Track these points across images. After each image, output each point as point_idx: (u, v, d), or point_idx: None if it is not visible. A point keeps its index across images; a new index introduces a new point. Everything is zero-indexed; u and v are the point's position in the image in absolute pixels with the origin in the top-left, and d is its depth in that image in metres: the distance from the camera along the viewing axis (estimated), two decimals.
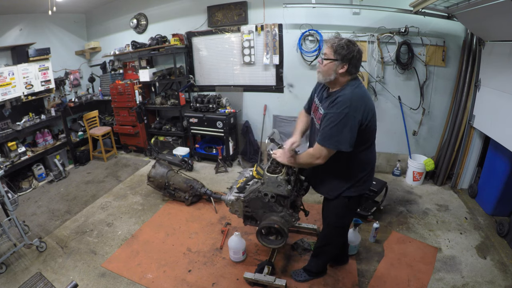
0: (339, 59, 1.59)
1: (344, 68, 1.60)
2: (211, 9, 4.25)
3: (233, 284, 2.32)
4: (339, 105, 1.57)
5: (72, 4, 4.48)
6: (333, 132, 1.58)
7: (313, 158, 1.70)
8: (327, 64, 1.63)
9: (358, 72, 1.68)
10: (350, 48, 1.58)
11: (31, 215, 3.41)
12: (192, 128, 4.47)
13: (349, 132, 1.57)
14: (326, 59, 1.63)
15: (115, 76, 5.21)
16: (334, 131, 1.57)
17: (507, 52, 2.58)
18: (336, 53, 1.59)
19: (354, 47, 1.59)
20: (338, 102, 1.58)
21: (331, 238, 2.12)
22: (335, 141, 1.59)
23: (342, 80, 1.65)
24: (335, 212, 1.97)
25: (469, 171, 3.42)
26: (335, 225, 2.04)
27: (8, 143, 3.90)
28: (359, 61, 1.63)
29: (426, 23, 3.35)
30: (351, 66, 1.60)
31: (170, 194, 3.49)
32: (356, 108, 1.56)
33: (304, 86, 4.09)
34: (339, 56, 1.58)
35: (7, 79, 3.85)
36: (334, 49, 1.59)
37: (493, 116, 2.86)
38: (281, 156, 1.96)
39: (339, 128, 1.56)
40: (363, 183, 1.84)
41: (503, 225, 2.64)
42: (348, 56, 1.58)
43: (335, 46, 1.59)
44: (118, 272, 2.49)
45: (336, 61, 1.60)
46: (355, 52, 1.58)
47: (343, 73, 1.62)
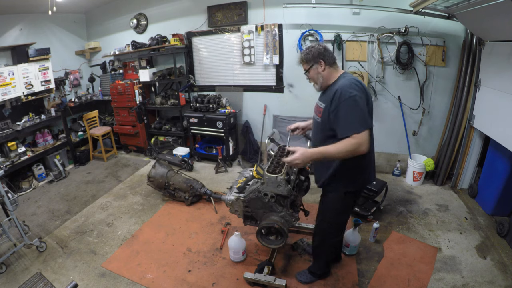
0: (312, 62, 1.78)
1: (322, 64, 1.76)
2: (211, 9, 4.25)
3: (233, 284, 2.32)
4: (344, 92, 1.61)
5: (72, 4, 4.48)
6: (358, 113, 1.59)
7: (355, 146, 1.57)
8: (310, 73, 1.82)
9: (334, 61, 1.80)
10: (312, 49, 1.78)
11: (31, 215, 3.41)
12: (192, 128, 4.47)
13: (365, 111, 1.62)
14: (307, 70, 1.83)
15: (115, 76, 5.21)
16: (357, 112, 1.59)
17: (507, 52, 2.58)
18: (308, 60, 1.79)
19: (315, 46, 1.79)
20: (342, 91, 1.62)
21: (328, 235, 2.08)
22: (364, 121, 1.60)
23: (331, 75, 1.78)
24: (332, 207, 1.95)
25: (469, 171, 3.42)
26: (332, 221, 2.01)
27: (8, 143, 3.91)
28: (327, 52, 1.77)
29: (426, 23, 3.35)
30: (325, 59, 1.75)
31: (170, 194, 3.49)
32: (358, 90, 1.62)
33: (304, 86, 4.09)
34: (311, 60, 1.78)
35: (7, 79, 3.85)
36: (304, 59, 1.81)
37: (493, 116, 2.86)
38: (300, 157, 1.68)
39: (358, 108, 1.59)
40: (360, 175, 1.84)
41: (503, 225, 2.64)
42: (316, 55, 1.76)
43: (303, 57, 1.82)
44: (118, 272, 2.49)
45: (313, 65, 1.78)
46: (317, 49, 1.77)
47: (326, 69, 1.76)
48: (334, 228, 2.05)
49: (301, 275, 2.31)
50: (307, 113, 4.10)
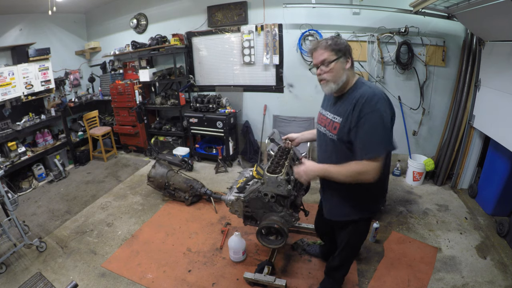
0: (340, 54, 1.45)
1: (349, 62, 1.48)
2: (211, 9, 4.25)
3: (233, 284, 2.32)
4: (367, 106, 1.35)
5: (72, 4, 4.48)
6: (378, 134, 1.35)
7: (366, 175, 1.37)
8: (333, 66, 1.45)
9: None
10: (343, 41, 1.48)
11: (31, 215, 3.41)
12: (192, 128, 4.47)
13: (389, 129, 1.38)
14: (330, 62, 1.45)
15: (115, 76, 5.21)
16: (379, 133, 1.34)
17: (507, 52, 2.58)
18: (336, 51, 1.45)
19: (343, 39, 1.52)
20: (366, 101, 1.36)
21: (348, 260, 1.95)
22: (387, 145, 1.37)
23: (351, 78, 1.50)
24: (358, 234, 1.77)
25: (469, 171, 3.42)
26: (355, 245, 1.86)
27: (8, 143, 3.91)
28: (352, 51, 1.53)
29: (426, 23, 3.35)
30: (352, 59, 1.50)
31: (170, 194, 3.49)
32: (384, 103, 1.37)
33: (304, 86, 4.10)
34: (341, 52, 1.45)
35: (7, 79, 3.85)
36: (332, 48, 1.45)
37: (493, 116, 2.85)
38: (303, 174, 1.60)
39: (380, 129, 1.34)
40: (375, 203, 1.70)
41: (503, 225, 2.64)
42: (347, 49, 1.47)
43: (331, 45, 1.45)
44: (118, 272, 2.49)
45: (340, 58, 1.45)
46: (347, 44, 1.49)
47: (349, 69, 1.49)
48: (355, 252, 1.98)
49: None
50: (307, 113, 4.12)
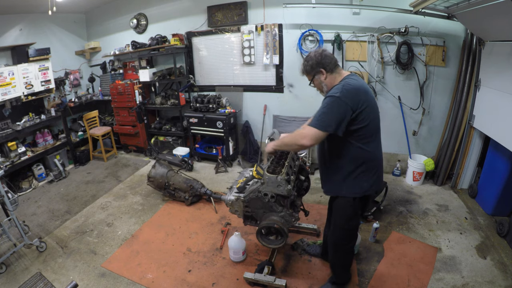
0: (313, 72, 1.77)
1: (323, 73, 1.73)
2: (211, 9, 4.25)
3: (233, 284, 2.32)
4: (331, 92, 1.66)
5: (72, 4, 4.48)
6: (324, 114, 1.63)
7: (300, 136, 1.70)
8: (314, 83, 1.83)
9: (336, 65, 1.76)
10: (310, 60, 1.75)
11: (31, 215, 3.41)
12: (192, 128, 4.47)
13: (338, 115, 1.60)
14: (310, 81, 1.83)
15: (115, 76, 5.21)
16: (324, 112, 1.63)
17: (507, 52, 2.58)
18: (308, 72, 1.79)
19: (312, 55, 1.76)
20: (331, 90, 1.68)
21: (340, 242, 2.01)
22: (324, 122, 1.62)
23: (334, 81, 1.74)
24: (342, 213, 1.90)
25: (469, 171, 3.42)
26: (343, 227, 1.95)
27: (8, 143, 3.91)
28: (326, 58, 1.72)
29: (426, 23, 3.35)
30: (325, 67, 1.72)
31: (170, 194, 3.49)
32: (347, 95, 1.59)
33: (304, 86, 4.07)
34: (311, 71, 1.77)
35: (7, 79, 3.85)
36: (306, 71, 1.80)
37: (493, 116, 2.85)
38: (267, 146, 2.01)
39: (329, 110, 1.61)
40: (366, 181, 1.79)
41: (503, 225, 2.64)
42: (314, 65, 1.74)
43: (303, 69, 1.82)
44: (118, 272, 2.49)
45: (315, 75, 1.77)
46: (315, 57, 1.73)
47: (327, 77, 1.74)
48: (345, 234, 1.98)
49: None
50: (307, 113, 4.11)
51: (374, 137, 1.76)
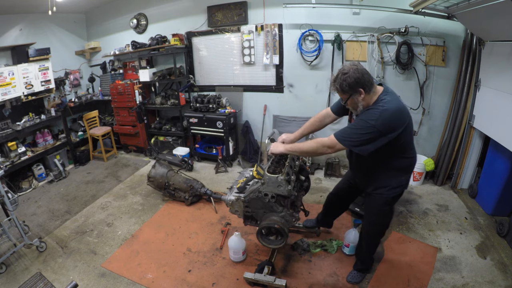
0: (351, 92, 1.65)
1: (362, 92, 1.63)
2: (211, 9, 4.25)
3: (233, 284, 2.32)
4: (368, 115, 1.62)
5: (72, 4, 4.48)
6: (353, 134, 1.65)
7: (324, 147, 1.75)
8: (348, 102, 1.72)
9: (373, 84, 1.68)
10: (347, 78, 1.61)
11: (31, 215, 3.41)
12: (192, 128, 4.47)
13: (366, 139, 1.62)
14: (346, 100, 1.72)
15: (115, 76, 5.21)
16: (355, 134, 1.64)
17: (507, 52, 2.58)
18: (345, 91, 1.66)
19: (350, 72, 1.61)
20: (369, 113, 1.63)
21: (377, 236, 2.14)
22: (350, 141, 1.66)
23: (370, 100, 1.68)
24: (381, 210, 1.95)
25: (469, 171, 3.42)
26: (381, 223, 2.05)
27: (8, 143, 3.91)
28: (365, 76, 1.63)
29: (426, 23, 3.35)
30: (364, 86, 1.63)
31: (170, 194, 3.49)
32: (384, 123, 1.59)
33: (304, 86, 4.10)
34: (349, 90, 1.64)
35: (7, 79, 3.85)
36: (342, 90, 1.66)
37: (493, 116, 2.86)
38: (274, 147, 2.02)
39: (360, 133, 1.62)
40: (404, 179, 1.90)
41: (503, 225, 2.64)
42: (353, 84, 1.61)
43: (338, 88, 1.67)
44: (118, 272, 2.49)
45: (351, 95, 1.66)
46: (354, 76, 1.61)
47: (365, 97, 1.66)
48: (380, 230, 2.11)
49: (352, 277, 2.28)
50: (307, 113, 4.11)
51: (412, 142, 1.85)
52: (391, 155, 1.78)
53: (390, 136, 1.61)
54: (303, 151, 1.90)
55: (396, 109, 1.63)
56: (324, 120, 2.13)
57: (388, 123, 1.59)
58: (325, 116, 2.13)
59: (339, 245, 2.63)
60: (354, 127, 1.67)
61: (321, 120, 2.14)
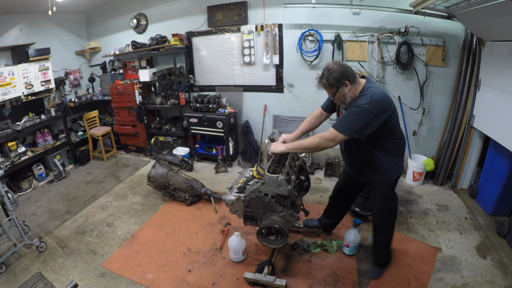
0: (337, 85, 1.76)
1: (347, 84, 1.75)
2: (211, 9, 4.25)
3: (233, 284, 2.32)
4: (360, 101, 1.73)
5: (72, 4, 4.48)
6: (351, 121, 1.74)
7: (326, 141, 1.82)
8: (336, 96, 1.82)
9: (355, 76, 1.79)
10: (333, 72, 1.73)
11: (31, 215, 3.41)
12: (192, 128, 4.47)
13: (363, 123, 1.72)
14: (334, 94, 1.82)
15: (115, 76, 5.21)
16: (352, 120, 1.73)
17: (507, 52, 2.58)
18: (333, 85, 1.76)
19: (335, 68, 1.74)
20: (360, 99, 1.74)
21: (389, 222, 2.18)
22: (350, 129, 1.75)
23: (356, 91, 1.79)
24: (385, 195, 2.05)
25: (469, 171, 3.42)
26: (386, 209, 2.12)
27: (8, 143, 3.91)
28: (348, 69, 1.76)
29: (426, 23, 3.35)
30: (349, 78, 1.75)
31: (170, 194, 3.49)
32: (376, 106, 1.71)
33: (304, 86, 4.10)
34: (336, 83, 1.75)
35: (7, 79, 3.85)
36: (329, 84, 1.76)
37: (493, 116, 2.86)
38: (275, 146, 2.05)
39: (356, 119, 1.72)
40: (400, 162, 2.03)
41: (503, 225, 2.64)
42: (339, 77, 1.73)
43: (325, 83, 1.77)
44: (118, 272, 2.49)
45: (339, 88, 1.77)
46: (338, 70, 1.73)
47: (351, 88, 1.77)
48: (389, 215, 2.16)
49: (372, 273, 2.31)
50: (307, 113, 4.02)
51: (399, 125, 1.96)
52: (382, 138, 1.88)
53: (382, 117, 1.74)
54: (306, 147, 1.95)
55: (383, 93, 1.78)
56: (320, 118, 2.24)
57: (379, 106, 1.72)
58: (319, 114, 2.23)
59: (339, 245, 2.63)
60: (349, 114, 1.75)
61: (316, 118, 2.24)
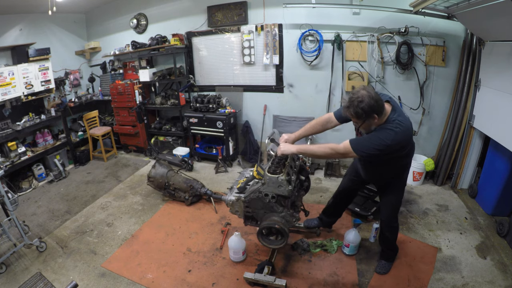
0: (366, 118, 1.72)
1: (375, 117, 1.71)
2: (211, 9, 4.25)
3: (233, 284, 2.32)
4: (385, 135, 1.73)
5: (72, 4, 4.48)
6: (369, 148, 1.76)
7: (337, 154, 1.86)
8: (362, 126, 1.81)
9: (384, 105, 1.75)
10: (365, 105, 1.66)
11: (31, 215, 3.41)
12: (192, 128, 4.47)
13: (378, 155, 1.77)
14: (359, 125, 1.82)
15: (115, 76, 5.21)
16: (370, 148, 1.76)
17: (507, 52, 2.58)
18: (359, 117, 1.72)
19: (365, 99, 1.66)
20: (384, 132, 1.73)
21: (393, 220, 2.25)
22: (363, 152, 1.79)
23: (382, 121, 1.77)
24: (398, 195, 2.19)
25: (469, 171, 3.42)
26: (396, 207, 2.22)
27: (8, 143, 3.90)
28: (378, 102, 1.69)
29: (426, 23, 3.35)
30: (378, 112, 1.70)
31: (170, 194, 3.49)
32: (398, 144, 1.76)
33: (304, 86, 4.10)
34: (363, 116, 1.70)
35: (7, 79, 3.85)
36: (357, 116, 1.71)
37: (493, 116, 2.86)
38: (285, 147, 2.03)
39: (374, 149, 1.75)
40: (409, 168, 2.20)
41: (503, 225, 2.64)
42: (368, 110, 1.67)
43: (354, 113, 1.71)
44: (118, 272, 2.49)
45: (366, 120, 1.74)
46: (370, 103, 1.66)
47: (377, 121, 1.75)
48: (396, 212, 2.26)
49: (381, 268, 2.36)
50: (307, 113, 4.12)
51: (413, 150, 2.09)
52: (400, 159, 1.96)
53: (397, 152, 1.82)
54: (316, 154, 1.97)
55: (407, 129, 1.77)
56: (327, 125, 2.14)
57: (399, 143, 1.76)
58: (327, 121, 2.13)
59: (339, 245, 2.63)
60: (371, 141, 1.76)
61: (323, 124, 2.15)
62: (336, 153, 1.85)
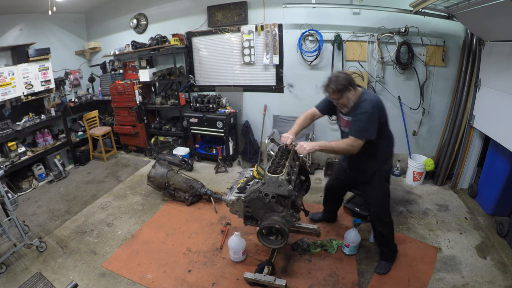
0: (345, 90, 1.98)
1: (351, 89, 2.00)
2: (211, 9, 4.25)
3: (233, 284, 2.32)
4: (367, 108, 1.97)
5: (72, 4, 4.48)
6: (366, 127, 1.98)
7: (352, 147, 2.02)
8: (341, 100, 2.03)
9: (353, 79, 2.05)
10: (339, 79, 1.96)
11: (31, 215, 3.41)
12: (192, 128, 4.47)
13: (374, 126, 1.99)
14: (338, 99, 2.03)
15: (115, 76, 5.21)
16: (366, 126, 1.98)
17: (507, 52, 2.58)
18: (341, 90, 1.97)
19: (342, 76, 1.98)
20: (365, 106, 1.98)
21: (384, 217, 2.30)
22: (367, 134, 1.99)
23: (356, 96, 2.04)
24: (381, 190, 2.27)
25: (469, 171, 3.42)
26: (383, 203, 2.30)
27: (8, 143, 3.90)
28: (351, 77, 2.02)
29: (426, 23, 3.35)
30: (352, 84, 2.00)
31: (170, 194, 3.49)
32: (378, 110, 1.99)
33: (304, 86, 4.10)
34: (344, 89, 1.97)
35: (7, 79, 3.85)
36: (338, 89, 1.97)
37: (493, 116, 2.86)
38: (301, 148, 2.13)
39: (370, 123, 1.98)
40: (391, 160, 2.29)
41: (503, 225, 2.64)
42: (346, 83, 1.97)
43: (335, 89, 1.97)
44: (118, 272, 2.49)
45: (344, 93, 1.99)
46: (344, 77, 1.97)
47: (353, 94, 2.02)
48: (387, 209, 2.33)
49: (380, 268, 2.37)
50: None
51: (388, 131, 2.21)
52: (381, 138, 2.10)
53: (381, 119, 2.02)
54: (335, 150, 2.16)
55: (378, 98, 2.08)
56: (313, 117, 2.41)
57: (379, 108, 2.01)
58: (313, 115, 2.39)
59: (339, 245, 2.63)
60: (362, 121, 1.98)
61: (311, 118, 2.40)
62: (351, 147, 2.01)
